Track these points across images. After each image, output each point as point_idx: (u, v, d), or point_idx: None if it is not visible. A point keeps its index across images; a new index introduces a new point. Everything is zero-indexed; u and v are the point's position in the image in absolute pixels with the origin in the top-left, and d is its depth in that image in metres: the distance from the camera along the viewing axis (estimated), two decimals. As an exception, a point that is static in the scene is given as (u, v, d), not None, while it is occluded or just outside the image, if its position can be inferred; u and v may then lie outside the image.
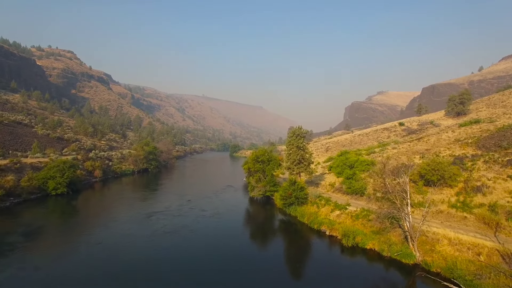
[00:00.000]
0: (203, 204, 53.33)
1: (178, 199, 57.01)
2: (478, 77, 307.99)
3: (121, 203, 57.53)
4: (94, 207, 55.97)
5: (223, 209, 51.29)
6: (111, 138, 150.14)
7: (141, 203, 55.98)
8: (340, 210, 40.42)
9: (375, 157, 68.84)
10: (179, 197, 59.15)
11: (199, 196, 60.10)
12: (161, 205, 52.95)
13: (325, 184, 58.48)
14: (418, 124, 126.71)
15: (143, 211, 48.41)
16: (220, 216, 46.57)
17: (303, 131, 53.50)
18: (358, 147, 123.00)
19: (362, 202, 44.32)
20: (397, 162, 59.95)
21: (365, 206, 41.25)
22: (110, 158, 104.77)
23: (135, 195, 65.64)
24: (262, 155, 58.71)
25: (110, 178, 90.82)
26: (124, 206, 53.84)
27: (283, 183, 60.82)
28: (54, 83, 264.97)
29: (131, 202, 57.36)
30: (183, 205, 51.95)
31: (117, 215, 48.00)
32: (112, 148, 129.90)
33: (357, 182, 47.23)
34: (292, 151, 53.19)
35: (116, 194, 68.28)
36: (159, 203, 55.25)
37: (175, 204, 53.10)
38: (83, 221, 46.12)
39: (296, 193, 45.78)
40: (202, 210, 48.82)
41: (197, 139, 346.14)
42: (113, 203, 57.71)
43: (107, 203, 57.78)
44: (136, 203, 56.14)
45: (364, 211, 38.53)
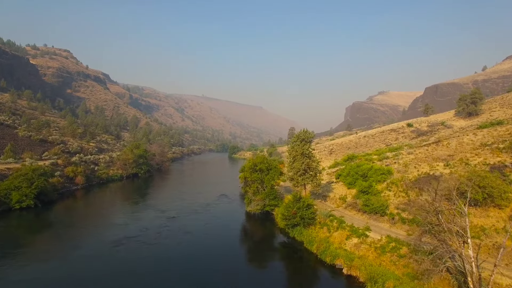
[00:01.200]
0: (190, 223, 44.19)
1: (161, 216, 47.55)
2: (483, 76, 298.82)
3: (90, 221, 48.14)
4: (55, 226, 45.78)
5: (213, 229, 42.18)
6: (102, 140, 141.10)
7: (114, 222, 46.04)
8: (358, 238, 31.42)
9: (389, 163, 59.82)
10: (163, 212, 49.62)
11: (186, 211, 50.89)
12: (138, 225, 43.31)
13: (334, 197, 49.37)
14: (428, 125, 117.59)
15: (112, 235, 38.56)
16: (207, 241, 37.40)
17: (309, 134, 44.49)
18: (365, 149, 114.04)
19: (384, 224, 35.33)
20: (417, 171, 51.02)
21: (390, 233, 32.20)
22: (96, 162, 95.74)
23: (112, 209, 56.08)
24: (260, 162, 49.71)
25: (94, 185, 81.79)
26: (91, 227, 44.17)
27: (285, 197, 51.85)
28: (48, 83, 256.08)
29: (103, 221, 47.97)
30: (164, 226, 42.32)
31: (77, 240, 38.07)
32: (102, 151, 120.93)
33: (376, 199, 38.20)
34: (296, 158, 44.22)
35: (92, 207, 58.67)
36: (136, 222, 45.41)
37: (155, 223, 43.45)
38: (25, 251, 35.16)
39: (301, 212, 36.79)
40: (186, 233, 39.54)
41: (196, 139, 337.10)
42: (80, 222, 47.93)
43: (72, 222, 47.62)
44: (108, 222, 46.63)
45: (391, 240, 29.50)
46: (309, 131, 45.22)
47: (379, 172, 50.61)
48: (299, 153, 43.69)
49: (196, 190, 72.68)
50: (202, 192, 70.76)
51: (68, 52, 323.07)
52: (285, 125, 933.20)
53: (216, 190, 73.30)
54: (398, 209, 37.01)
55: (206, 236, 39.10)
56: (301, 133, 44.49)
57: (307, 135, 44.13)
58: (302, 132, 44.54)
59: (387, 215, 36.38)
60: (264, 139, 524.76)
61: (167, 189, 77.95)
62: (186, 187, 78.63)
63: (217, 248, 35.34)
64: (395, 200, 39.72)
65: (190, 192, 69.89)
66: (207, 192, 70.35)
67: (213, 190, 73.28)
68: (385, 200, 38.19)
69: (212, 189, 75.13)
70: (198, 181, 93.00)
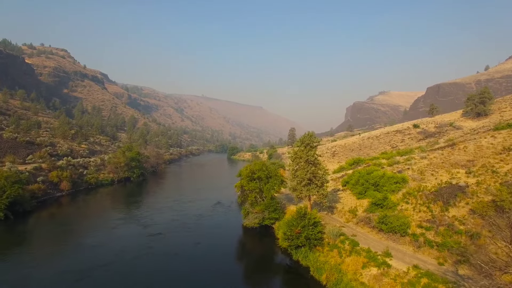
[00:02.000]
0: (176, 242, 37.99)
1: (144, 232, 41.16)
2: (485, 76, 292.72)
3: (58, 239, 40.28)
4: (10, 248, 37.15)
5: (203, 250, 35.88)
6: (96, 141, 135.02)
7: (86, 243, 38.17)
8: (378, 267, 25.41)
9: (401, 169, 53.81)
10: (147, 228, 43.01)
11: (175, 225, 44.68)
12: (114, 246, 36.26)
13: (342, 209, 43.29)
14: (435, 126, 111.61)
15: (78, 262, 31.41)
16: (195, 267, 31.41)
17: (314, 139, 38.41)
18: (369, 152, 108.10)
19: (407, 248, 29.31)
20: (435, 179, 45.04)
21: (416, 260, 26.10)
22: (86, 166, 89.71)
23: (90, 223, 49.06)
24: (258, 170, 43.67)
25: (82, 191, 75.76)
26: (56, 248, 36.84)
27: (287, 209, 45.81)
28: (44, 82, 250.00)
29: (74, 240, 40.00)
30: (146, 247, 35.72)
31: (27, 268, 30.40)
32: (94, 153, 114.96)
33: (395, 216, 32.07)
34: (300, 166, 38.21)
35: (68, 219, 51.30)
36: (113, 242, 38.10)
37: (135, 244, 36.83)
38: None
39: (307, 231, 30.81)
40: (171, 257, 33.33)
41: (195, 140, 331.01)
42: (45, 240, 40.42)
43: (35, 240, 40.78)
44: (79, 242, 38.77)
45: (421, 273, 23.44)
46: (314, 135, 39.13)
47: (392, 180, 44.57)
48: (303, 160, 37.66)
49: (189, 197, 66.53)
50: (196, 199, 64.65)
51: (65, 51, 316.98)
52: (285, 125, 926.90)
53: (211, 197, 67.27)
54: (421, 228, 30.99)
55: (193, 261, 32.87)
56: (305, 137, 38.40)
57: (312, 139, 38.04)
58: (306, 136, 38.45)
59: (408, 235, 30.39)
60: (264, 140, 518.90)
61: (158, 196, 71.73)
62: (178, 194, 72.51)
63: (207, 275, 29.34)
64: (415, 216, 33.72)
65: (183, 199, 63.75)
66: (201, 199, 64.28)
67: (208, 197, 67.25)
68: (405, 217, 32.11)
69: (207, 195, 69.11)
70: (193, 186, 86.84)
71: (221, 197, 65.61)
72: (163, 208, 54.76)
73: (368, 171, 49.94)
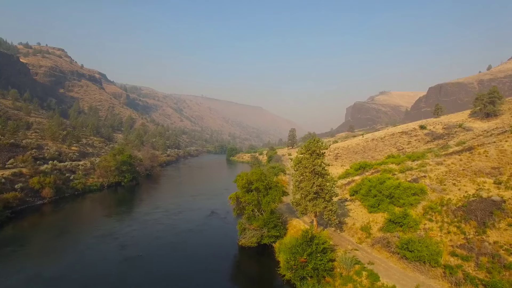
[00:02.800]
0: (159, 265, 31.77)
1: (121, 254, 34.87)
2: (488, 76, 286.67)
3: (9, 270, 31.62)
4: None
5: (190, 278, 29.99)
6: (88, 143, 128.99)
7: (45, 276, 30.14)
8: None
9: (415, 177, 47.79)
10: (125, 248, 36.67)
11: (159, 244, 38.26)
12: (78, 279, 29.02)
13: (353, 226, 37.22)
14: (443, 127, 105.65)
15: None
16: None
17: (321, 145, 32.39)
18: (374, 154, 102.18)
19: (442, 284, 23.32)
20: (459, 190, 39.10)
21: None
22: (74, 170, 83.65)
23: (58, 244, 39.90)
24: (256, 180, 37.62)
25: (67, 198, 69.68)
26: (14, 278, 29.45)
27: (289, 224, 39.75)
28: (40, 82, 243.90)
29: (31, 270, 31.44)
30: (120, 275, 29.73)
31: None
32: (85, 156, 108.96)
33: (424, 243, 25.91)
34: (304, 177, 32.26)
35: (36, 234, 44.20)
36: (79, 271, 30.84)
37: (108, 271, 30.64)
38: None
39: (314, 260, 24.88)
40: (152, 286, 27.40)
41: (194, 140, 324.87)
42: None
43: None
44: (37, 274, 30.51)
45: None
46: (321, 140, 33.07)
47: (409, 191, 38.53)
48: (309, 170, 31.65)
49: (181, 207, 60.36)
50: (188, 209, 58.53)
51: (62, 50, 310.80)
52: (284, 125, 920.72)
53: (205, 206, 61.23)
54: (456, 256, 25.02)
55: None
56: (311, 143, 32.35)
57: (319, 145, 31.97)
58: (312, 142, 32.39)
59: (440, 266, 24.42)
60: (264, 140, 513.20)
61: (146, 205, 65.14)
62: (170, 202, 66.27)
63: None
64: (444, 239, 27.77)
65: (173, 210, 57.53)
66: (193, 209, 58.20)
67: (201, 206, 61.18)
68: (436, 244, 26.07)
69: (201, 204, 63.05)
70: (187, 192, 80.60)
71: (216, 206, 59.56)
72: (149, 222, 48.47)
73: (380, 180, 43.91)
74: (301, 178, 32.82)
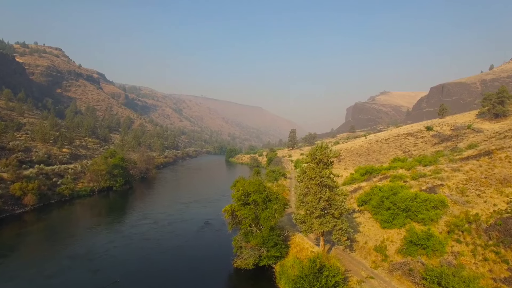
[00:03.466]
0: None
1: (95, 281, 29.60)
2: (491, 75, 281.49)
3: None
4: None
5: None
6: (82, 145, 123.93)
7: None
8: None
9: (431, 185, 42.74)
10: (99, 274, 31.17)
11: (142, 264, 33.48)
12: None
13: (365, 245, 32.13)
14: (451, 128, 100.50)
15: None
16: None
17: (329, 153, 27.37)
18: (378, 157, 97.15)
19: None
20: (485, 202, 34.13)
21: None
22: (62, 174, 78.61)
23: (28, 264, 34.21)
24: (254, 191, 32.61)
25: (52, 205, 64.63)
26: None
27: (291, 240, 34.67)
28: (36, 82, 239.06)
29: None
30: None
31: None
32: (77, 158, 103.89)
33: (460, 277, 20.88)
34: (310, 190, 27.28)
35: (4, 252, 37.71)
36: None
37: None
38: None
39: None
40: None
41: (193, 141, 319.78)
42: None
43: None
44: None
45: None
46: (329, 147, 28.01)
47: (428, 204, 33.48)
48: (315, 182, 26.66)
49: (172, 216, 55.16)
50: (180, 219, 53.38)
51: (59, 50, 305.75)
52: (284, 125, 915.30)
53: (199, 214, 56.22)
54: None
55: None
56: (317, 151, 27.31)
57: (327, 153, 26.95)
58: (318, 149, 27.35)
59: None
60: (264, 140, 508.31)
61: (134, 214, 59.33)
62: (161, 211, 61.02)
63: None
64: (482, 268, 22.79)
65: (163, 221, 52.30)
66: (186, 220, 53.10)
67: (195, 215, 56.14)
68: (476, 278, 21.03)
69: (195, 213, 58.02)
70: (181, 197, 75.35)
71: (212, 214, 54.51)
72: (134, 236, 43.21)
73: (393, 189, 38.81)
74: (306, 191, 27.81)
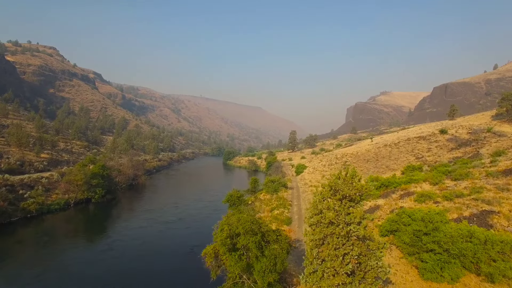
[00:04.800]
0: None
1: None
2: (496, 75, 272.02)
3: None
4: None
5: None
6: (66, 149, 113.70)
7: None
8: None
9: (476, 211, 32.66)
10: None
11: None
12: None
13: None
14: (468, 132, 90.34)
15: None
16: None
17: (359, 184, 17.32)
18: (389, 163, 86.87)
19: None
20: None
21: None
22: (33, 185, 68.43)
23: None
24: (245, 231, 22.47)
25: (13, 224, 54.55)
26: None
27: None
28: (27, 81, 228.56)
29: None
30: None
31: None
32: (58, 164, 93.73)
33: None
34: (329, 241, 17.35)
35: None
36: None
37: None
38: None
39: None
40: None
41: (191, 142, 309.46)
42: None
43: None
44: None
45: None
46: (358, 175, 17.88)
47: (494, 247, 23.43)
48: (338, 231, 16.65)
49: (149, 243, 44.98)
50: (158, 246, 43.19)
51: (54, 49, 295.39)
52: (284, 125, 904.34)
53: (183, 239, 46.14)
54: None
55: None
56: (340, 180, 17.27)
57: (356, 186, 16.94)
58: (342, 178, 17.30)
59: None
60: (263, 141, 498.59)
61: (106, 236, 49.46)
62: (137, 232, 50.67)
63: None
64: None
65: (136, 248, 42.23)
66: (165, 246, 42.97)
67: (178, 239, 46.06)
68: None
69: (178, 236, 47.90)
70: (165, 214, 64.43)
71: (198, 239, 44.46)
72: (89, 276, 33.19)
73: (430, 219, 28.75)
74: (322, 241, 17.79)
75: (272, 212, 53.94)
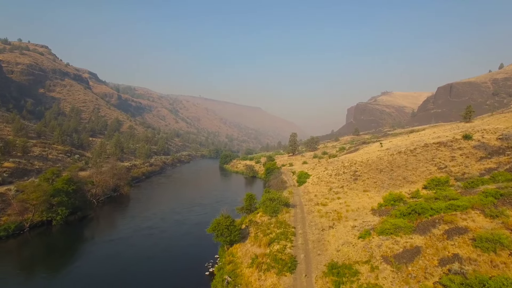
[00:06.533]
0: None
1: None
2: (502, 74, 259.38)
3: None
4: None
5: None
6: (41, 155, 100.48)
7: None
8: None
9: None
10: None
11: None
12: None
13: None
14: (498, 137, 77.14)
15: None
16: None
17: None
18: (406, 174, 73.43)
19: None
20: None
21: None
22: (-20, 204, 55.24)
23: None
24: None
25: None
26: None
27: None
28: (16, 81, 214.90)
29: None
30: None
31: None
32: (25, 174, 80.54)
33: None
34: None
35: None
36: None
37: None
38: None
39: None
40: None
41: (187, 144, 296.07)
42: None
43: None
44: None
45: None
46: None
47: None
48: None
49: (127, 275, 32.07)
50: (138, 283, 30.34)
51: (45, 48, 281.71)
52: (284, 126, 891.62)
53: (165, 273, 33.29)
54: None
55: None
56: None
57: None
58: None
59: None
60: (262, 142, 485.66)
61: (71, 264, 37.50)
62: (102, 268, 38.11)
63: None
64: None
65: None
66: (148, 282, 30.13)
67: (160, 274, 33.21)
68: None
69: (159, 271, 35.04)
70: (142, 244, 51.45)
71: (191, 261, 31.49)
72: None
73: None
74: None
75: (270, 247, 41.12)
